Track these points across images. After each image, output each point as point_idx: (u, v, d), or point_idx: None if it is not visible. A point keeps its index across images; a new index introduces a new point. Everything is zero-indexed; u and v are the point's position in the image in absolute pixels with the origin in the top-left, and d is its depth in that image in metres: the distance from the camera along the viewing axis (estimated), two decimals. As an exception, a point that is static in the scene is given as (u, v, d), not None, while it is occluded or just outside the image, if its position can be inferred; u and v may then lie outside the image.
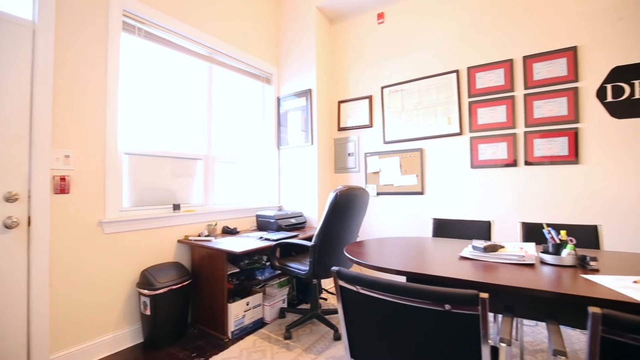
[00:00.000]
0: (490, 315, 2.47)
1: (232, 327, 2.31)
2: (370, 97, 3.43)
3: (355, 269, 3.04)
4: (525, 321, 2.43)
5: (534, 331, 2.34)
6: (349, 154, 3.54)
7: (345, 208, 2.16)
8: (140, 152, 2.42)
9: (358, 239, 2.71)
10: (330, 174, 3.64)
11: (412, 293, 0.83)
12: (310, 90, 3.41)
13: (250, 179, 3.42)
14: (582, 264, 1.38)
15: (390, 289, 0.86)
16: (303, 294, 3.09)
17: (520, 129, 2.65)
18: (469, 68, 2.88)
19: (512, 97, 2.68)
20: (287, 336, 2.31)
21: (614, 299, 0.99)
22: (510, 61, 2.70)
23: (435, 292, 0.80)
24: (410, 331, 0.91)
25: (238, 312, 2.36)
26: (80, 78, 2.03)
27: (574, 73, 2.47)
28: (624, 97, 2.32)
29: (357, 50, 3.55)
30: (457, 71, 2.93)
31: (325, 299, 3.02)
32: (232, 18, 3.15)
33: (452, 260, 1.51)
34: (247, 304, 2.44)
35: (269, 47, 3.59)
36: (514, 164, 2.67)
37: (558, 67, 2.52)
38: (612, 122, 2.35)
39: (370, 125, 3.42)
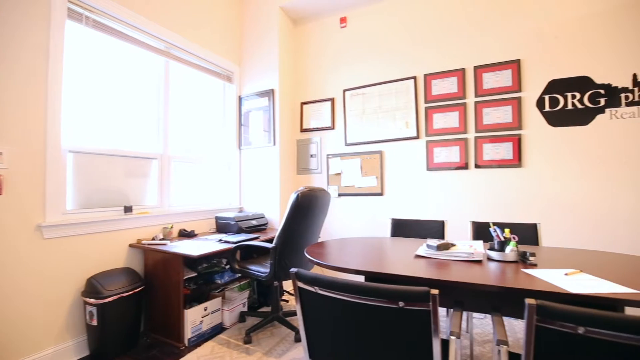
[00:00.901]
0: (444, 310, 2.60)
1: (188, 334, 2.21)
2: (332, 100, 3.47)
3: (317, 270, 3.05)
4: (475, 314, 2.58)
5: (483, 323, 2.51)
6: (312, 156, 3.56)
7: (306, 209, 2.17)
8: (88, 149, 2.25)
9: (319, 240, 2.72)
10: (292, 175, 3.63)
11: (368, 292, 0.86)
12: (272, 90, 3.38)
13: (210, 179, 3.31)
14: (523, 259, 1.50)
15: (348, 288, 0.87)
16: (264, 296, 3.04)
17: (471, 134, 2.83)
18: (425, 75, 3.02)
19: (464, 104, 2.86)
20: (247, 340, 2.26)
21: (547, 291, 1.09)
22: (463, 70, 2.88)
23: (390, 290, 0.83)
24: (367, 329, 0.93)
25: (195, 318, 2.27)
26: (17, 68, 1.84)
27: (517, 84, 2.69)
28: (559, 107, 2.57)
29: (321, 52, 3.58)
30: (414, 77, 3.06)
31: (287, 301, 3.00)
32: (192, 13, 3.04)
33: (408, 259, 1.58)
34: (205, 309, 2.36)
35: (230, 44, 3.51)
36: (465, 166, 2.84)
37: (504, 78, 2.73)
38: (549, 129, 2.59)
39: (332, 127, 3.46)
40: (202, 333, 2.32)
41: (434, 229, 2.39)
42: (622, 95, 2.40)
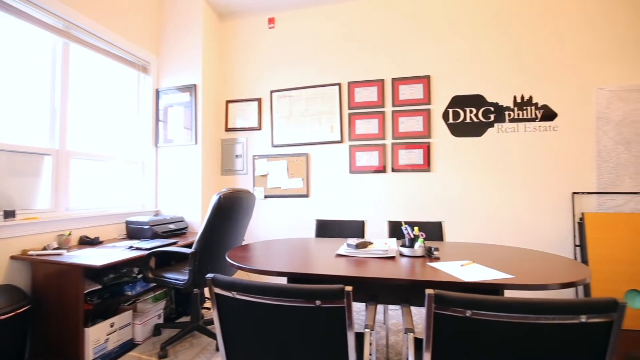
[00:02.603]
0: (363, 305, 2.76)
1: (90, 355, 1.95)
2: (259, 100, 3.43)
3: (242, 275, 2.97)
4: (391, 306, 2.80)
5: (398, 314, 2.73)
6: (237, 156, 3.46)
7: (229, 212, 2.10)
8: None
9: (244, 243, 2.66)
10: (216, 176, 3.47)
11: (286, 293, 0.87)
12: (195, 85, 3.19)
13: (121, 180, 2.97)
14: (429, 254, 1.68)
15: (266, 291, 0.87)
16: (183, 306, 2.85)
17: (389, 141, 3.07)
18: (349, 82, 3.19)
19: (383, 113, 3.09)
20: (163, 355, 2.09)
21: (446, 281, 1.24)
22: (382, 81, 3.11)
23: (307, 290, 0.86)
24: (286, 330, 0.95)
25: (99, 336, 2.02)
26: None
27: (428, 97, 3.00)
28: (460, 120, 2.95)
29: (248, 51, 3.51)
30: (339, 84, 3.20)
31: (209, 309, 2.86)
32: (99, -8, 2.70)
33: (329, 258, 1.64)
34: (112, 325, 2.11)
35: (147, 31, 3.21)
36: (383, 170, 3.07)
37: (417, 91, 3.03)
38: (452, 139, 2.96)
39: (259, 128, 3.41)
40: (108, 353, 2.07)
41: (355, 229, 2.52)
42: (506, 112, 2.87)
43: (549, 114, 2.81)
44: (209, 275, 0.95)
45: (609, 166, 2.71)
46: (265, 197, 3.36)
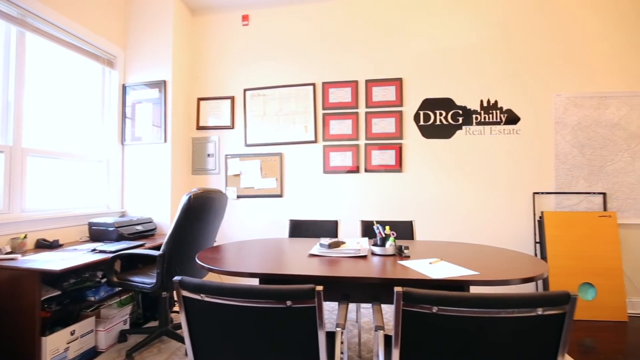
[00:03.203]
0: (335, 304, 2.78)
1: (47, 365, 1.83)
2: (232, 98, 3.36)
3: (214, 277, 2.91)
4: (364, 305, 2.84)
5: (370, 312, 2.77)
6: (209, 155, 3.38)
7: (200, 212, 2.04)
8: None
9: (216, 244, 2.60)
10: (186, 176, 3.37)
11: (256, 294, 0.86)
12: (165, 81, 3.08)
13: (84, 179, 2.82)
14: (399, 253, 1.72)
15: (235, 292, 0.86)
16: (151, 310, 2.75)
17: (362, 141, 3.12)
18: (324, 83, 3.20)
19: (357, 114, 3.13)
20: (128, 361, 2.00)
21: (415, 278, 1.28)
22: (356, 82, 3.15)
23: (278, 290, 0.85)
24: (257, 331, 0.93)
25: (58, 345, 1.90)
26: None
27: (400, 99, 3.07)
28: (430, 122, 3.04)
29: (221, 48, 3.43)
30: (314, 84, 3.20)
31: (178, 312, 2.77)
32: (59, -20, 2.54)
33: (302, 259, 1.64)
34: (73, 333, 2.00)
35: (114, 23, 3.05)
36: (357, 170, 3.11)
37: (389, 93, 3.09)
38: (423, 140, 3.05)
39: (231, 127, 3.35)
40: (67, 361, 1.96)
41: (328, 229, 2.53)
42: (474, 116, 2.99)
43: (512, 118, 2.95)
44: (177, 277, 0.92)
45: (565, 168, 2.89)
46: (238, 197, 3.30)
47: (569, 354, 2.11)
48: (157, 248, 2.13)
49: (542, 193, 2.90)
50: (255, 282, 1.30)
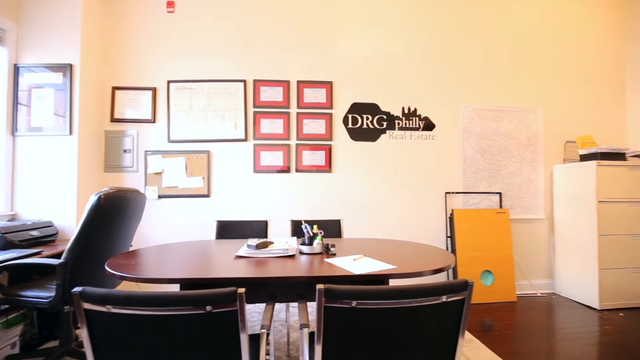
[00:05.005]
0: (262, 306, 2.74)
1: None
2: (154, 90, 3.09)
3: (132, 287, 2.65)
4: (293, 304, 2.86)
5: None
6: (125, 151, 3.05)
7: (112, 214, 1.84)
8: None
9: (132, 248, 2.36)
10: (98, 173, 3.00)
11: (172, 302, 0.80)
12: (71, 65, 2.70)
13: (-46, 176, 2.32)
14: (326, 251, 1.76)
15: (147, 301, 0.79)
16: (49, 329, 2.38)
17: (293, 141, 3.14)
18: (255, 80, 3.14)
19: (288, 114, 3.14)
20: (15, 391, 1.70)
21: (339, 275, 1.33)
22: (288, 82, 3.15)
23: (196, 296, 0.81)
24: (174, 341, 0.87)
25: None
26: None
27: (330, 102, 3.17)
28: (358, 125, 3.20)
29: (142, 34, 3.12)
30: (244, 81, 3.12)
31: (85, 327, 2.45)
32: None
33: (228, 261, 1.58)
34: None
35: (-1, -7, 2.57)
36: (287, 170, 3.12)
37: (320, 95, 3.16)
38: (351, 143, 3.19)
39: (153, 121, 3.08)
40: None
41: (258, 229, 2.49)
42: (396, 121, 3.23)
43: (429, 125, 3.27)
44: (77, 289, 0.81)
45: (471, 171, 3.30)
46: (160, 197, 3.05)
47: (473, 333, 2.41)
48: (58, 256, 1.86)
49: (453, 193, 3.27)
50: (176, 288, 1.21)
